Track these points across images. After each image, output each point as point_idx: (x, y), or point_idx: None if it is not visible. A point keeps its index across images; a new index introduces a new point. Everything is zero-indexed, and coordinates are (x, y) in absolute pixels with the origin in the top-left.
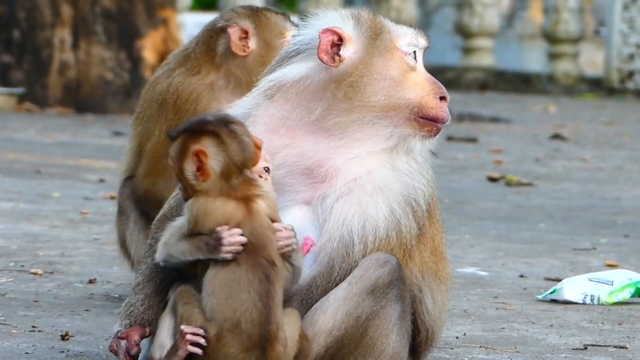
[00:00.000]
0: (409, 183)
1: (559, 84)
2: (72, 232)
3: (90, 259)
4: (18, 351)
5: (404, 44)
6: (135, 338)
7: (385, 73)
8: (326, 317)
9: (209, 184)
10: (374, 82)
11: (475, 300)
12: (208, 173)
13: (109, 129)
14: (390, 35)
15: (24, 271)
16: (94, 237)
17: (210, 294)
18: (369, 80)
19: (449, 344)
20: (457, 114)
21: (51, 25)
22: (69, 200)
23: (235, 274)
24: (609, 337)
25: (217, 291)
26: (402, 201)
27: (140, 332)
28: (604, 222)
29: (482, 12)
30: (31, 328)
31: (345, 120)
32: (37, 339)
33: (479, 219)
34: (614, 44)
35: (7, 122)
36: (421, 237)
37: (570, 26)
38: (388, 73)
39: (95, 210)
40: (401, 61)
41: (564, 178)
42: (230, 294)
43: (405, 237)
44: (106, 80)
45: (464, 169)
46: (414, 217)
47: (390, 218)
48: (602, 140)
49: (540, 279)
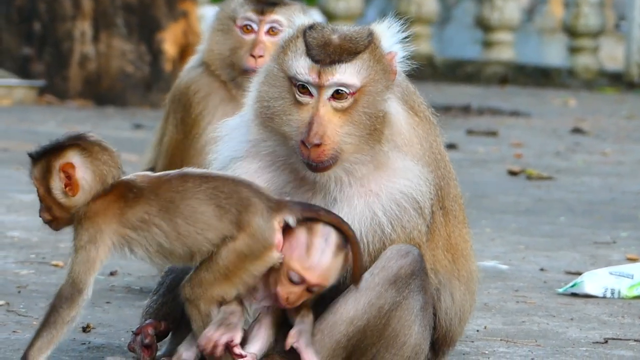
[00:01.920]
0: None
1: (579, 78)
2: None
3: None
4: None
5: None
6: (149, 331)
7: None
8: (347, 306)
9: (79, 198)
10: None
11: (496, 293)
12: (77, 185)
13: (129, 122)
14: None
15: (45, 263)
16: None
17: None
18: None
19: (469, 337)
20: (477, 108)
21: (72, 17)
22: None
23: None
24: (629, 330)
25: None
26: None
27: (154, 326)
28: (625, 216)
29: (503, 5)
30: None
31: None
32: None
33: (499, 212)
34: (635, 38)
35: (27, 114)
36: (432, 234)
37: (591, 20)
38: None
39: None
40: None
41: (584, 172)
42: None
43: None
44: (126, 73)
45: (484, 163)
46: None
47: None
48: (623, 134)
49: (561, 273)
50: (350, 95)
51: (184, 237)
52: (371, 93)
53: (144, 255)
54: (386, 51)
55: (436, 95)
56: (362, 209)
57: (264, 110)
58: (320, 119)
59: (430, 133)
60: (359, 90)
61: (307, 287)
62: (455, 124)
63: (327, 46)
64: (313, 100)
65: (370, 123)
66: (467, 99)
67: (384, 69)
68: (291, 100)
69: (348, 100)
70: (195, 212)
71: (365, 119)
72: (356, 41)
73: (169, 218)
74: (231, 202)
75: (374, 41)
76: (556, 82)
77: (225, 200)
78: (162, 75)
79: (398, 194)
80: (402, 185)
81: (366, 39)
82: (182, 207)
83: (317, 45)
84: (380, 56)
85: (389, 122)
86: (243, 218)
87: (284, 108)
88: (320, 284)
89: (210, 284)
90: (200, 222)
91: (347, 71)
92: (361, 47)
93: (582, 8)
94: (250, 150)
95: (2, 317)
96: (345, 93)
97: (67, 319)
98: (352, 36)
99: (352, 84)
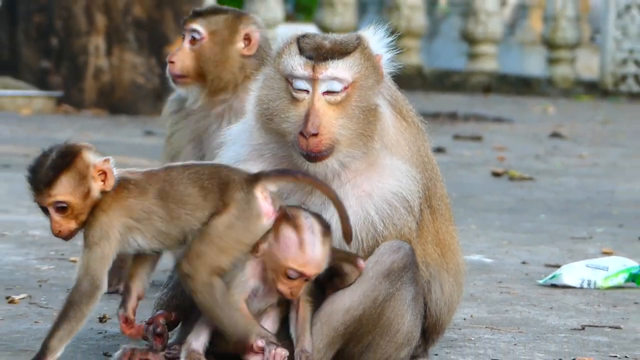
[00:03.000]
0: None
1: (557, 87)
2: None
3: None
4: None
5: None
6: (160, 321)
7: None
8: (344, 297)
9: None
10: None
11: (481, 285)
12: (112, 177)
13: (141, 129)
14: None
15: (64, 259)
16: None
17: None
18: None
19: (457, 325)
20: (463, 115)
21: (87, 33)
22: None
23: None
24: (604, 318)
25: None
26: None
27: (165, 316)
28: (600, 213)
29: (486, 20)
30: None
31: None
32: None
33: (484, 210)
34: (608, 49)
35: (46, 123)
36: (421, 230)
37: (568, 33)
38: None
39: None
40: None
41: (562, 173)
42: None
43: (402, 230)
44: (138, 84)
45: (470, 165)
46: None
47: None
48: (598, 139)
49: (541, 266)
50: (343, 89)
51: (177, 220)
52: (363, 87)
53: (142, 243)
54: (374, 53)
55: (425, 103)
56: (357, 209)
57: (264, 112)
58: (316, 110)
59: (418, 137)
60: (351, 85)
61: (305, 279)
62: (443, 130)
63: (320, 48)
64: (309, 95)
65: (364, 117)
66: (453, 107)
67: (374, 66)
68: (288, 98)
69: (341, 95)
70: (183, 195)
71: (358, 112)
72: (346, 44)
73: (163, 204)
74: (213, 182)
75: (363, 43)
76: (536, 91)
77: (208, 182)
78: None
79: (389, 194)
80: (393, 186)
81: (355, 42)
82: (171, 193)
83: (310, 48)
84: (370, 55)
85: (380, 119)
86: (226, 194)
87: (282, 107)
88: (317, 273)
89: (205, 255)
90: (188, 203)
91: (339, 66)
92: (351, 47)
93: (560, 22)
94: (253, 153)
95: (25, 308)
96: (338, 88)
97: (86, 312)
98: (342, 40)
99: (344, 78)
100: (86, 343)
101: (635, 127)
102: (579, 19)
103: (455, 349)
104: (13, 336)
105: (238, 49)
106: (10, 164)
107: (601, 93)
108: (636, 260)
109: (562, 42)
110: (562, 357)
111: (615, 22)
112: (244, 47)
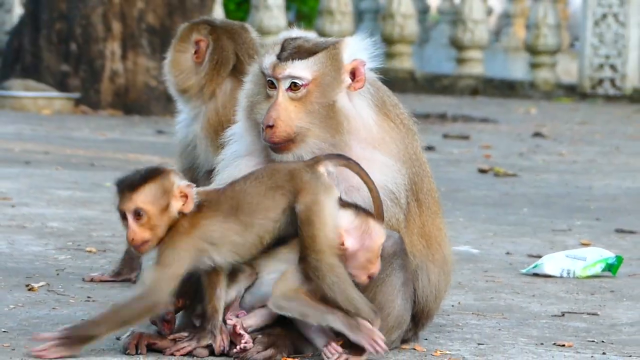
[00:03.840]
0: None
1: (539, 90)
2: None
3: None
4: (75, 318)
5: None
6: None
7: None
8: None
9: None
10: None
11: (468, 274)
12: (192, 202)
13: (153, 129)
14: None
15: (80, 249)
16: None
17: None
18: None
19: (445, 312)
20: (452, 116)
21: (103, 39)
22: None
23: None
24: (583, 305)
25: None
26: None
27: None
28: (579, 207)
29: (473, 28)
30: (86, 298)
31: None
32: (91, 308)
33: (471, 204)
34: (586, 55)
35: (65, 123)
36: (407, 222)
37: (549, 40)
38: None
39: None
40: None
41: (544, 170)
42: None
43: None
44: (150, 86)
45: (458, 162)
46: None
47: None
48: (576, 138)
49: (524, 256)
50: (303, 86)
51: (251, 228)
52: (322, 85)
53: (218, 259)
54: (351, 58)
55: (417, 105)
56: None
57: (248, 104)
58: (277, 105)
59: (406, 136)
60: (311, 82)
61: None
62: (433, 130)
63: (292, 47)
64: (276, 91)
65: (324, 112)
66: (443, 108)
67: (337, 67)
68: (264, 93)
69: (302, 91)
70: (251, 205)
71: (317, 108)
72: (317, 45)
73: (235, 219)
74: (275, 179)
75: (336, 47)
76: (520, 93)
77: (270, 181)
78: None
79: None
80: (379, 180)
81: (324, 44)
82: (241, 206)
83: (284, 48)
84: (336, 57)
85: (346, 116)
86: (294, 182)
87: (259, 100)
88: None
89: (317, 236)
90: (259, 210)
91: (298, 66)
92: (317, 49)
93: (542, 30)
94: (249, 148)
95: (43, 295)
96: (299, 84)
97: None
98: (318, 42)
99: (303, 76)
100: None
101: (611, 127)
102: (559, 27)
103: (443, 334)
104: (32, 322)
105: (189, 56)
106: (31, 161)
107: (580, 96)
108: (612, 251)
109: (544, 48)
110: (543, 341)
111: (592, 29)
112: (194, 54)
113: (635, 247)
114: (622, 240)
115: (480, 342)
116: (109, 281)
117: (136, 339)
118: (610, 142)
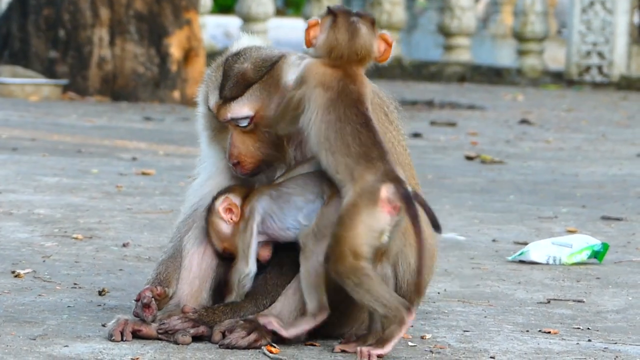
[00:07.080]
0: None
1: (526, 77)
2: (108, 203)
3: (124, 226)
4: (62, 305)
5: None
6: (146, 293)
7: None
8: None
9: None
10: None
11: (454, 261)
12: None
13: (140, 115)
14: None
15: (66, 236)
16: (127, 207)
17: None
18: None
19: (431, 299)
20: (439, 102)
21: (91, 25)
22: (105, 176)
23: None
24: (568, 292)
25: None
26: None
27: (150, 289)
28: (565, 194)
29: (461, 15)
30: (73, 285)
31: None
32: (78, 295)
33: (457, 191)
34: (574, 42)
35: (52, 109)
36: None
37: (537, 27)
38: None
39: (128, 184)
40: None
41: (530, 157)
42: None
43: None
44: (138, 73)
45: (445, 149)
46: None
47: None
48: (563, 125)
49: (510, 243)
50: (249, 123)
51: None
52: (267, 112)
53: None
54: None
55: (405, 91)
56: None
57: (210, 135)
58: (234, 142)
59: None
60: (255, 116)
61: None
62: (421, 116)
63: (230, 80)
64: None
65: (278, 137)
66: (430, 95)
67: (280, 90)
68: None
69: (250, 126)
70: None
71: (270, 136)
72: (257, 71)
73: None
74: (360, 150)
75: (276, 68)
76: (507, 80)
77: (360, 149)
78: (169, 75)
79: None
80: None
81: (266, 68)
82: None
83: (224, 80)
84: (277, 80)
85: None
86: (359, 170)
87: (219, 127)
88: None
89: (344, 238)
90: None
91: (237, 107)
92: (257, 78)
93: (529, 17)
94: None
95: (29, 282)
96: (244, 124)
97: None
98: (258, 64)
99: (244, 115)
100: (86, 314)
101: (598, 114)
102: (546, 14)
103: (429, 321)
104: (18, 308)
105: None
106: (18, 147)
107: (566, 83)
108: (598, 238)
109: (531, 36)
110: (529, 328)
111: (580, 17)
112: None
113: (621, 234)
114: (608, 228)
115: (466, 329)
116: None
117: (121, 326)
118: (596, 129)
